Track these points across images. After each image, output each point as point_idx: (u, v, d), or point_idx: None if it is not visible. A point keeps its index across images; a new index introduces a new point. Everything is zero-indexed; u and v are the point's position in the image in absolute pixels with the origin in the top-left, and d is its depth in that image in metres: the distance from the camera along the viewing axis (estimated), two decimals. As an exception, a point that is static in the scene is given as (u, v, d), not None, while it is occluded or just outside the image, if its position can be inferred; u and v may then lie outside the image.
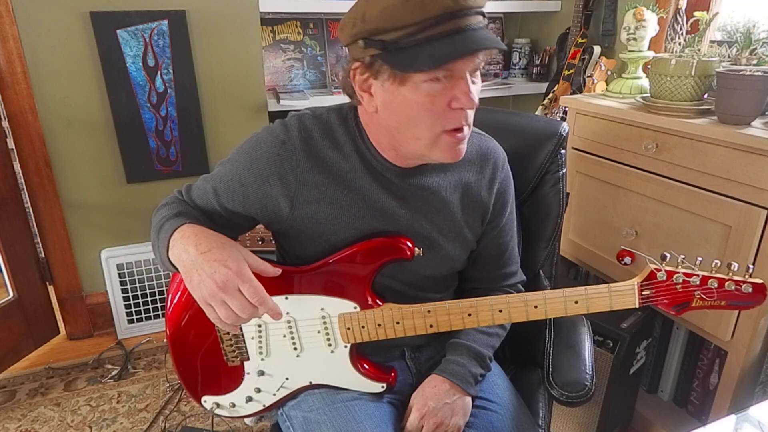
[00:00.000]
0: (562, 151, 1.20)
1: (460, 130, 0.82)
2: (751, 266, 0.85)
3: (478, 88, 0.82)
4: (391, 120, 0.83)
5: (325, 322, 0.95)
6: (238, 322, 0.82)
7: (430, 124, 0.81)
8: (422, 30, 0.74)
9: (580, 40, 2.23)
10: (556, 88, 2.28)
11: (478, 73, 0.82)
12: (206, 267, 0.78)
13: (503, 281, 1.08)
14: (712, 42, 1.71)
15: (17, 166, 1.94)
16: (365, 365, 0.99)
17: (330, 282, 0.94)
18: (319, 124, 0.91)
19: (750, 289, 0.83)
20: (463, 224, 0.98)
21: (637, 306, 0.88)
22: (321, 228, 0.92)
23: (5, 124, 1.90)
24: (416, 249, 0.92)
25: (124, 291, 2.16)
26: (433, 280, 1.01)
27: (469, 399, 0.98)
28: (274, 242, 1.05)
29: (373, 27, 0.76)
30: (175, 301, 0.98)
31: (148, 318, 2.22)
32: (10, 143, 1.91)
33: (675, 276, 0.85)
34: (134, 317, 2.21)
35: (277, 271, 0.88)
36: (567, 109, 1.76)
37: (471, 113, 0.83)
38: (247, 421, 1.08)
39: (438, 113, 0.80)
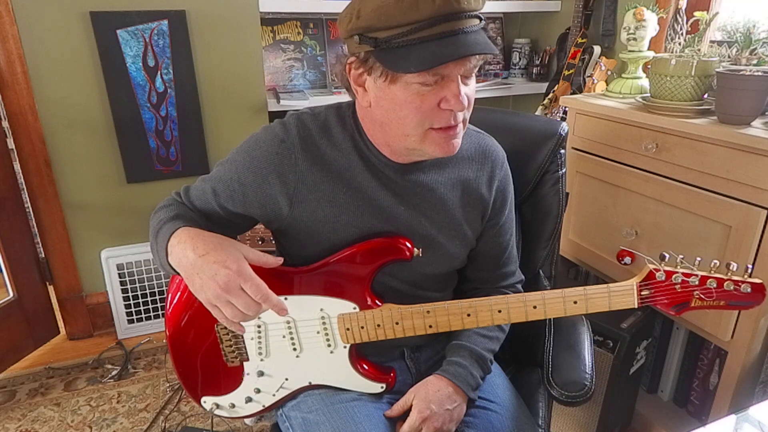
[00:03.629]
0: (562, 151, 1.20)
1: (449, 128, 0.83)
2: (750, 266, 0.85)
3: (471, 90, 0.83)
4: (383, 116, 0.84)
5: (324, 323, 0.95)
6: (245, 320, 0.82)
7: (418, 121, 0.81)
8: (414, 31, 0.75)
9: (580, 40, 2.23)
10: (556, 88, 2.28)
11: (472, 76, 0.83)
12: (207, 270, 0.79)
13: (502, 281, 1.08)
14: (712, 42, 1.71)
15: (17, 166, 1.94)
16: (365, 366, 0.99)
17: (329, 282, 0.94)
18: (317, 122, 0.91)
19: (749, 289, 0.83)
20: (463, 222, 0.98)
21: (636, 306, 0.88)
22: (320, 226, 0.92)
23: (5, 124, 1.90)
24: (415, 249, 0.92)
25: (124, 291, 2.16)
26: (433, 279, 1.01)
27: (465, 406, 0.97)
28: (274, 242, 1.05)
29: (367, 24, 0.77)
30: (174, 302, 0.98)
31: (148, 318, 2.22)
32: (10, 143, 1.91)
33: (674, 276, 0.85)
34: (134, 317, 2.21)
35: (278, 260, 0.87)
36: (567, 109, 1.76)
37: (463, 112, 0.83)
38: (247, 421, 1.08)
39: (426, 112, 0.80)
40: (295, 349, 0.97)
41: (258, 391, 1.00)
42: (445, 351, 1.03)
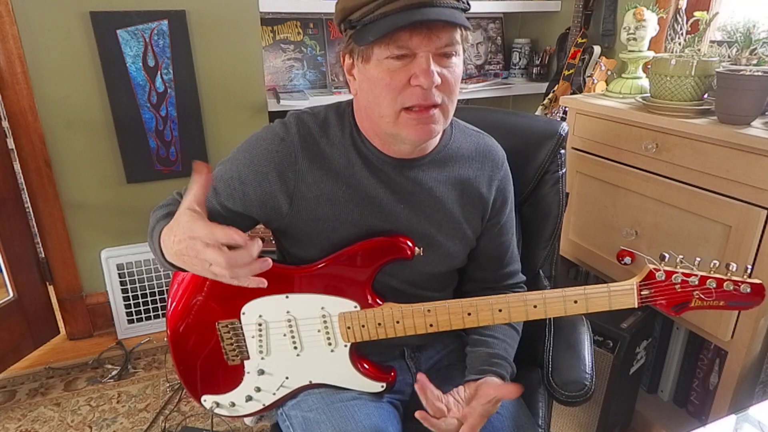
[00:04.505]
0: (562, 151, 1.20)
1: (420, 108, 0.82)
2: (749, 267, 0.85)
3: (452, 73, 0.82)
4: (365, 99, 0.86)
5: (325, 321, 0.95)
6: (241, 265, 0.72)
7: (390, 100, 0.81)
8: (380, 6, 0.77)
9: (580, 40, 2.23)
10: (556, 88, 2.28)
11: (454, 59, 0.82)
12: (184, 249, 0.75)
13: (506, 280, 1.07)
14: (712, 42, 1.72)
15: (17, 166, 1.94)
16: (365, 365, 0.99)
17: (330, 281, 0.94)
18: (317, 121, 0.92)
19: (748, 290, 0.83)
20: (463, 221, 0.98)
21: (636, 306, 0.88)
22: (320, 225, 0.92)
23: (5, 124, 1.90)
24: (416, 249, 0.93)
25: (124, 291, 2.16)
26: (433, 278, 1.01)
27: None
28: (273, 242, 1.05)
29: (343, 8, 0.82)
30: (175, 301, 0.98)
31: (148, 318, 2.22)
32: (10, 143, 1.91)
33: (674, 276, 0.85)
34: (134, 317, 2.21)
35: (243, 237, 0.74)
36: (567, 109, 1.76)
37: (441, 94, 0.82)
38: (247, 420, 1.08)
39: (397, 89, 0.81)
40: (295, 348, 0.97)
41: (258, 389, 1.00)
42: (474, 354, 0.98)
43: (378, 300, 0.94)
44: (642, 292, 0.87)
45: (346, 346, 0.96)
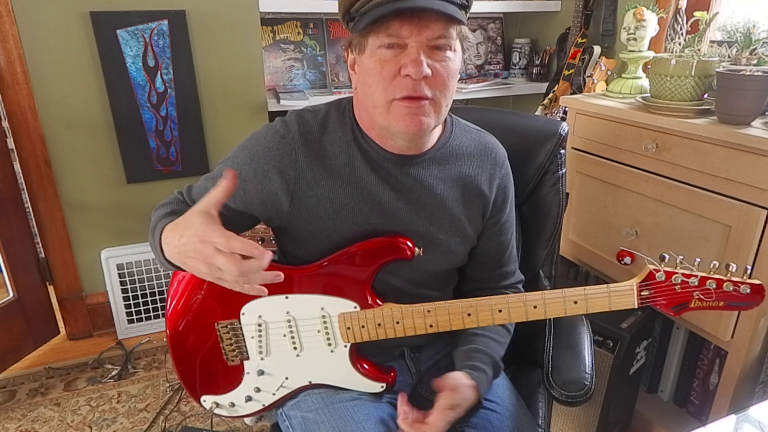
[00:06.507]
0: (562, 151, 1.20)
1: (411, 99, 0.81)
2: (749, 267, 0.85)
3: (445, 67, 0.82)
4: (361, 91, 0.87)
5: (325, 322, 0.95)
6: (247, 274, 0.72)
7: (381, 89, 0.82)
8: None
9: (580, 40, 2.23)
10: (556, 88, 2.28)
11: (449, 53, 0.82)
12: (188, 251, 0.74)
13: (503, 280, 1.07)
14: (712, 42, 1.71)
15: (17, 166, 1.94)
16: (365, 365, 0.99)
17: (330, 282, 0.94)
18: (317, 118, 0.92)
19: (748, 290, 0.83)
20: (463, 219, 0.98)
21: (636, 306, 0.88)
22: (320, 223, 0.92)
23: (5, 124, 1.90)
24: (416, 249, 0.92)
25: (124, 291, 2.16)
26: (434, 277, 1.01)
27: None
28: (274, 241, 1.05)
29: (343, 1, 0.83)
30: (175, 301, 0.98)
31: (148, 318, 2.22)
32: (10, 143, 1.91)
33: (673, 277, 0.85)
34: (134, 317, 2.21)
35: (260, 249, 0.75)
36: (567, 109, 1.76)
37: (429, 89, 0.82)
38: (247, 421, 1.08)
39: (387, 79, 0.81)
40: (295, 348, 0.97)
41: (258, 390, 1.00)
42: (457, 351, 1.00)
43: (378, 300, 0.94)
44: (642, 293, 0.87)
45: (345, 346, 0.96)
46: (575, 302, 0.89)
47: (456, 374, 0.92)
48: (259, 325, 0.95)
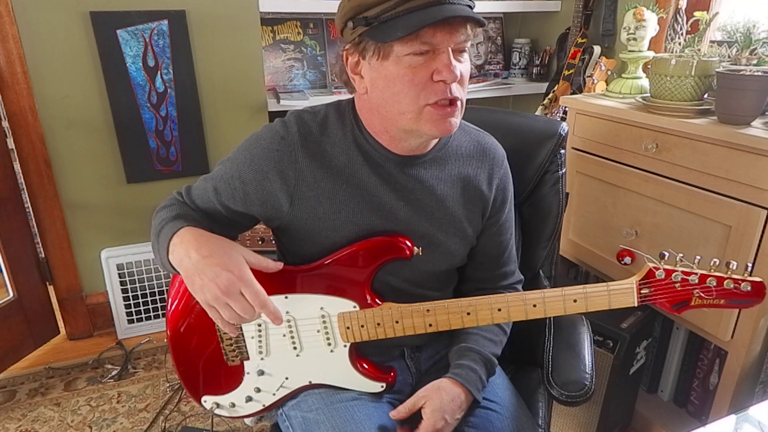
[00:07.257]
0: (562, 151, 1.20)
1: (445, 103, 0.83)
2: (749, 265, 0.85)
3: (465, 68, 0.84)
4: (379, 97, 0.85)
5: (324, 322, 0.95)
6: (240, 323, 0.83)
7: (413, 96, 0.82)
8: (401, 3, 0.77)
9: (580, 40, 2.23)
10: (556, 88, 2.28)
11: (465, 55, 0.84)
12: (208, 271, 0.80)
13: (502, 281, 1.07)
14: (712, 42, 1.71)
15: (17, 166, 1.94)
16: (365, 365, 0.99)
17: (329, 281, 0.94)
18: (317, 119, 0.92)
19: (749, 288, 0.83)
20: (463, 219, 0.98)
21: (636, 305, 0.88)
22: (320, 224, 0.92)
23: (5, 124, 1.90)
24: (416, 248, 0.93)
25: (124, 291, 2.16)
26: (433, 277, 1.01)
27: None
28: (274, 242, 1.05)
29: (357, 4, 0.81)
30: (175, 301, 0.98)
31: (148, 318, 2.22)
32: (10, 143, 1.91)
33: (673, 274, 0.85)
34: (134, 317, 2.20)
35: (279, 265, 0.89)
36: (567, 109, 1.76)
37: (459, 89, 0.84)
38: (247, 421, 1.08)
39: (420, 85, 0.81)
40: (295, 348, 0.97)
41: (258, 390, 1.00)
42: (450, 352, 1.02)
43: (377, 300, 0.94)
44: (642, 291, 0.87)
45: (345, 346, 0.96)
46: (575, 301, 0.89)
47: (420, 395, 0.94)
48: (259, 326, 0.95)
